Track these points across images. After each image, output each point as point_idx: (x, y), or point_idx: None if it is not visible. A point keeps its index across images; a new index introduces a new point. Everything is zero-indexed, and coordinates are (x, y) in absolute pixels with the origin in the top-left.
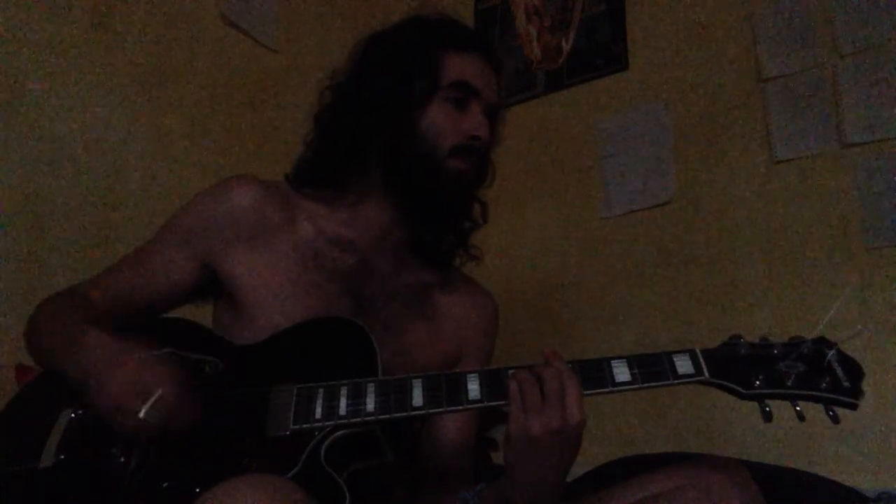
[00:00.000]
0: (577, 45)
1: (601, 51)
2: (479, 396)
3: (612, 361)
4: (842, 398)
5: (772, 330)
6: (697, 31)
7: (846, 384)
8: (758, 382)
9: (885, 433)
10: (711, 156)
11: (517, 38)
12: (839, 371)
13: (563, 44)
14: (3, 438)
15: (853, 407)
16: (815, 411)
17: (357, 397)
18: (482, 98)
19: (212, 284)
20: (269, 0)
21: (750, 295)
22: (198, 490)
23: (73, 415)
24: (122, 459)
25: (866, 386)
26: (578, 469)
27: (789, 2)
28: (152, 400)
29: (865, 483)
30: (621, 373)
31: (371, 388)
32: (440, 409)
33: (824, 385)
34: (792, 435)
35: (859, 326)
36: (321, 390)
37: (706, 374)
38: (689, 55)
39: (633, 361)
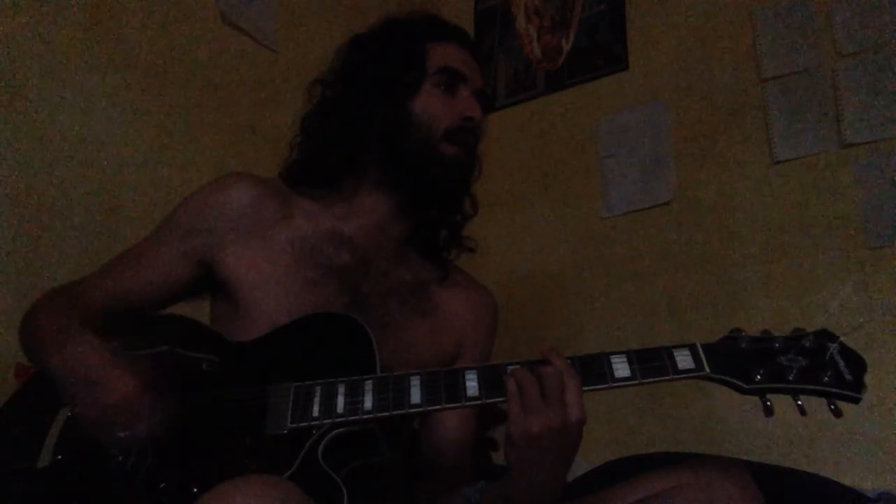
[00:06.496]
0: (577, 45)
1: (601, 51)
2: (477, 393)
3: (612, 357)
4: (844, 392)
5: (772, 329)
6: (697, 31)
7: (848, 377)
8: (759, 377)
9: (885, 433)
10: (711, 156)
11: (517, 38)
12: (841, 364)
13: (563, 44)
14: (1, 438)
15: (856, 401)
16: (816, 406)
17: (355, 395)
18: (469, 83)
19: (209, 281)
20: (268, 0)
21: (750, 295)
22: (196, 490)
23: (70, 413)
24: (120, 459)
25: (866, 385)
26: (578, 469)
27: (789, 2)
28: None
29: (865, 483)
30: (621, 368)
31: (369, 385)
32: (438, 407)
33: (826, 379)
34: (792, 435)
35: (861, 319)
36: (318, 388)
37: (707, 369)
38: (689, 55)
39: (632, 356)
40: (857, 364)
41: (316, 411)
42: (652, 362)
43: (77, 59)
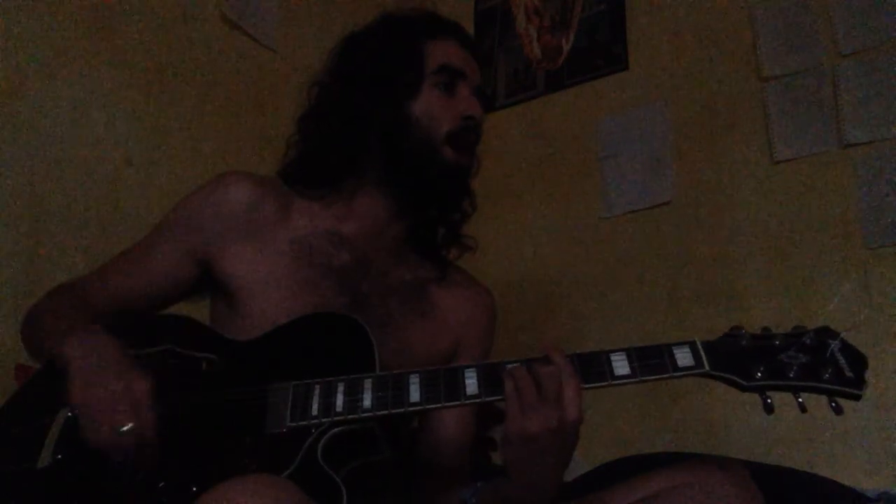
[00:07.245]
0: (577, 45)
1: (601, 51)
2: (477, 392)
3: (612, 354)
4: (845, 389)
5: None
6: (697, 31)
7: (849, 375)
8: (759, 374)
9: (885, 433)
10: (711, 156)
11: (517, 38)
12: (842, 361)
13: (563, 44)
14: (1, 438)
15: (857, 398)
16: (817, 403)
17: (354, 393)
18: (469, 80)
19: (208, 280)
20: (269, 0)
21: (750, 295)
22: (195, 489)
23: (70, 413)
24: (120, 459)
25: (868, 381)
26: (578, 469)
27: (789, 2)
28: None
29: (865, 483)
30: (621, 366)
31: (368, 383)
32: (438, 405)
33: (827, 376)
34: (792, 435)
35: (861, 319)
36: (317, 387)
37: (706, 366)
38: (689, 55)
39: (632, 354)
40: (858, 361)
41: (315, 410)
42: (652, 360)
43: (77, 59)
